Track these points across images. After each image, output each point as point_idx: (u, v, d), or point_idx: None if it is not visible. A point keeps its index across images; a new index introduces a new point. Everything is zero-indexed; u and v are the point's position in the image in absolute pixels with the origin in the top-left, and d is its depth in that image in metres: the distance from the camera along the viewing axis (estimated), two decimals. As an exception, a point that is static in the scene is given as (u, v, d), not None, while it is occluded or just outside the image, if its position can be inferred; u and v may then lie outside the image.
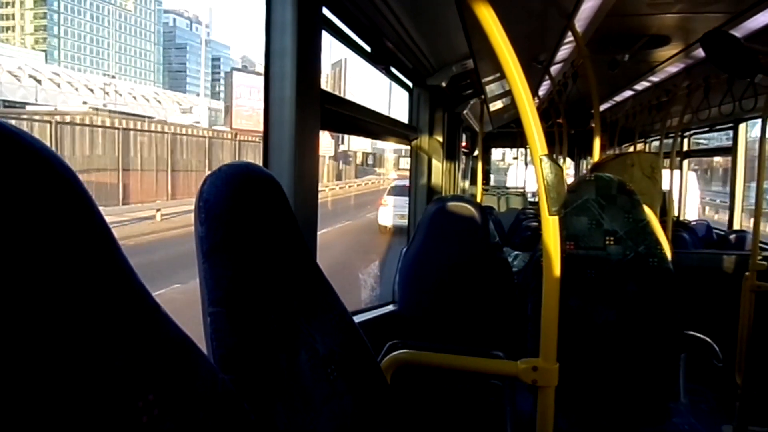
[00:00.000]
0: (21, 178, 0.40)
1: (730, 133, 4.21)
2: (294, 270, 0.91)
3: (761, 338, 2.35)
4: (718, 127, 4.49)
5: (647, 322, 1.73)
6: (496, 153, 9.56)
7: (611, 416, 1.71)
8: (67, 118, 16.16)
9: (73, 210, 0.45)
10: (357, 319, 1.07)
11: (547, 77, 3.60)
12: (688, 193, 5.93)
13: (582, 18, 2.23)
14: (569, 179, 5.05)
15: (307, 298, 0.93)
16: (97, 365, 0.45)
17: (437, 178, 2.97)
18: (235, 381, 0.71)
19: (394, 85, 2.74)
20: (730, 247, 3.78)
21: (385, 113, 2.24)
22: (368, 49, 2.05)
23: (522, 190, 8.04)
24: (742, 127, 4.11)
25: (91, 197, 0.47)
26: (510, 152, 11.27)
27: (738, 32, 2.15)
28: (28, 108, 25.68)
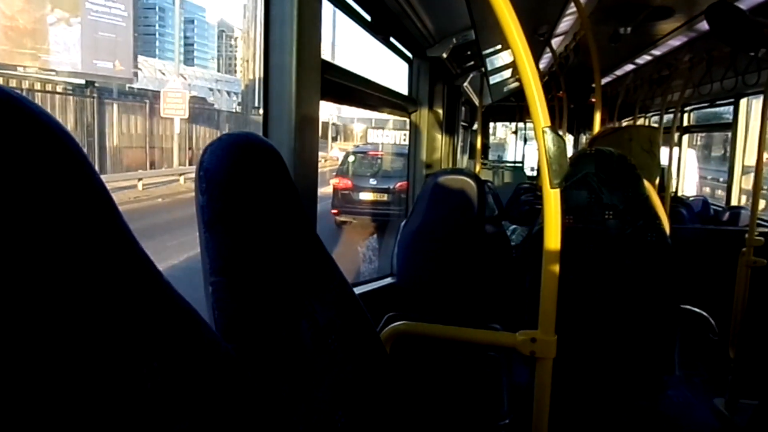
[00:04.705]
0: (21, 142, 0.40)
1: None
2: (294, 240, 0.91)
3: (755, 313, 2.38)
4: (718, 103, 4.46)
5: (644, 296, 1.74)
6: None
7: (607, 388, 1.73)
8: None
9: (73, 176, 0.44)
10: (356, 291, 1.07)
11: (548, 50, 3.56)
12: (687, 170, 5.93)
13: (585, -11, 2.19)
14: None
15: (308, 268, 0.93)
16: (100, 332, 0.45)
17: (436, 151, 2.96)
18: (237, 350, 0.72)
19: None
20: (727, 223, 3.80)
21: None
22: (368, 18, 2.02)
23: (520, 164, 8.02)
24: (743, 102, 4.08)
25: (91, 163, 0.47)
26: (501, 127, 11.11)
27: (743, 4, 2.12)
28: None
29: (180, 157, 17.16)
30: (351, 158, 10.24)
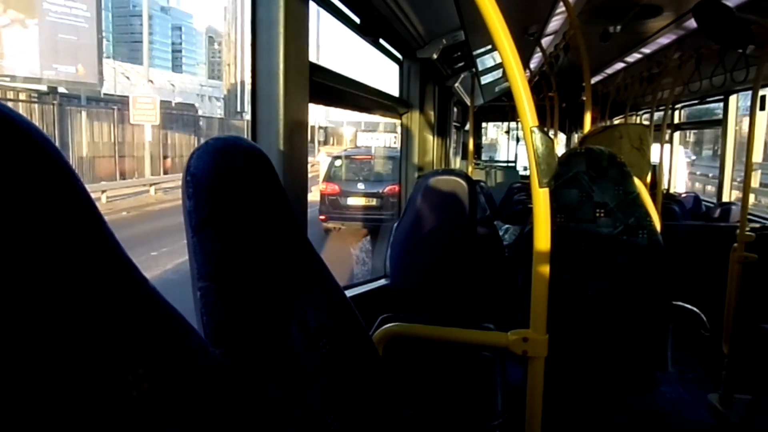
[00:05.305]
0: (1, 150, 0.39)
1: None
2: (284, 244, 0.91)
3: (748, 308, 2.39)
4: (708, 99, 4.49)
5: (636, 294, 1.74)
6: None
7: (600, 386, 1.74)
8: None
9: (56, 184, 0.44)
10: (349, 293, 1.07)
11: (538, 49, 3.57)
12: (678, 167, 5.96)
13: (573, -12, 2.20)
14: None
15: (298, 271, 0.92)
16: (84, 339, 0.45)
17: (428, 153, 2.96)
18: (226, 354, 0.71)
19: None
20: (718, 219, 3.82)
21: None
22: (357, 20, 2.02)
23: (513, 164, 8.04)
24: (732, 98, 4.11)
25: (74, 171, 0.47)
26: (493, 127, 11.06)
27: (730, 2, 2.13)
28: None
29: (153, 167, 16.13)
30: (338, 162, 9.70)
